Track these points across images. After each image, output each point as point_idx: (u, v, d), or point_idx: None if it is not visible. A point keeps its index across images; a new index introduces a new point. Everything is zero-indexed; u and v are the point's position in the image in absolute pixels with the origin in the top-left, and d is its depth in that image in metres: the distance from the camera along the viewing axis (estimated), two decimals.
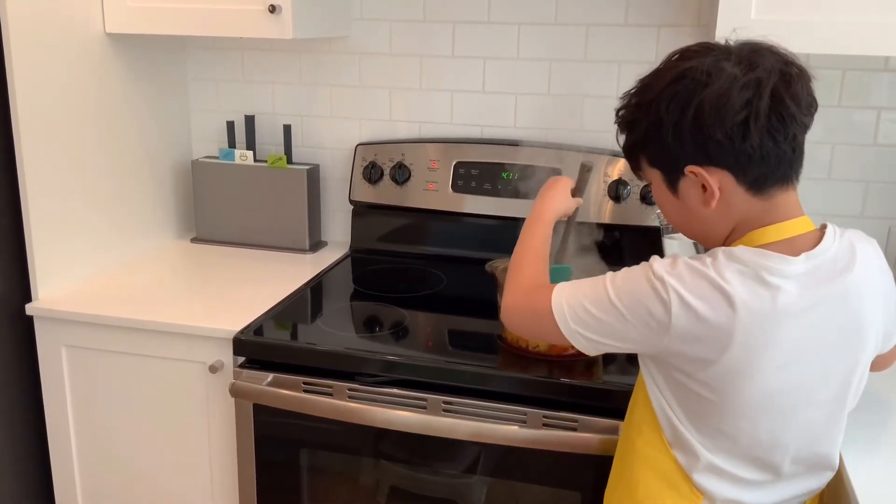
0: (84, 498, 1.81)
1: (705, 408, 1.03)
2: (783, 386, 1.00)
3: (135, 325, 1.64)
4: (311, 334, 1.67)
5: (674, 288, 0.98)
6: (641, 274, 1.02)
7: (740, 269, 0.97)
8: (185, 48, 2.16)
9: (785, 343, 0.97)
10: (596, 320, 1.05)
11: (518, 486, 1.50)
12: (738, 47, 1.01)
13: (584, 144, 1.94)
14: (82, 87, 1.79)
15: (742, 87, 0.95)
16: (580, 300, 1.06)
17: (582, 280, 1.09)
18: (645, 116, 1.02)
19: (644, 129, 1.03)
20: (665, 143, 1.00)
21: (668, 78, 1.00)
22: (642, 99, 1.03)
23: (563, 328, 1.07)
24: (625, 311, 1.02)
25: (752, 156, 0.97)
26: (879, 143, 1.82)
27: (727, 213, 1.02)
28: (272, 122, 2.15)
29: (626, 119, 1.07)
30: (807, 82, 1.00)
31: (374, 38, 2.04)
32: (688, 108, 0.97)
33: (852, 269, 1.00)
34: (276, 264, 2.01)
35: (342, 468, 1.60)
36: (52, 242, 1.74)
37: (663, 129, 1.00)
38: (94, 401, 1.74)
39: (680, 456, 1.07)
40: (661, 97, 1.00)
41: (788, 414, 1.02)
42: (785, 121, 0.97)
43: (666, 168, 1.04)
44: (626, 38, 1.89)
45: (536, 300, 1.12)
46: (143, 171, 2.03)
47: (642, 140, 1.05)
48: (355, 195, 2.06)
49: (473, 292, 1.85)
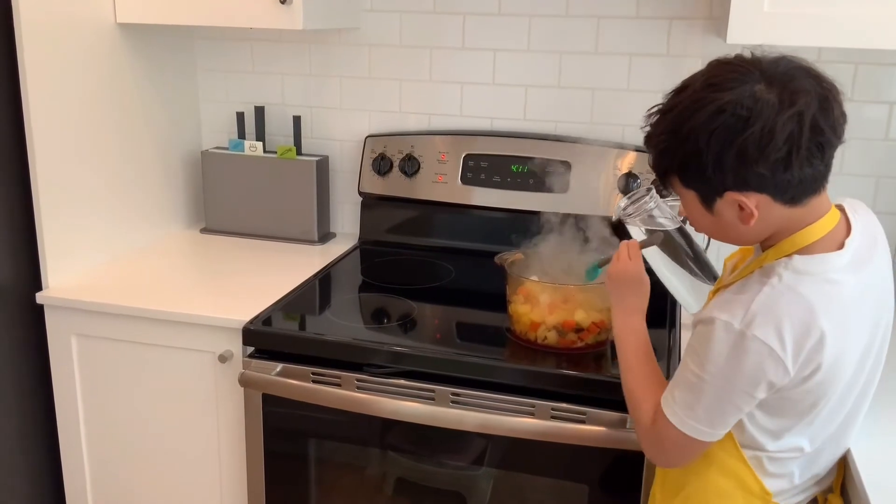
0: (93, 487, 1.82)
1: (795, 407, 1.05)
2: (856, 363, 1.05)
3: (144, 315, 1.65)
4: (319, 325, 1.67)
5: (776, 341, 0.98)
6: (732, 346, 1.00)
7: (811, 279, 1.01)
8: (195, 39, 2.16)
9: (856, 325, 1.03)
10: (724, 415, 1.05)
11: (525, 478, 1.50)
12: (771, 67, 1.00)
13: (594, 137, 1.93)
14: (93, 78, 1.79)
15: (784, 122, 0.95)
16: (700, 411, 1.05)
17: (677, 384, 1.08)
18: (681, 146, 1.01)
19: (680, 157, 1.02)
20: (703, 171, 1.00)
21: (707, 112, 0.98)
22: (677, 128, 1.01)
23: (707, 439, 1.07)
24: (747, 391, 1.02)
25: (791, 182, 0.99)
26: (891, 137, 1.81)
27: (765, 225, 1.04)
28: (282, 113, 2.15)
29: (658, 145, 1.05)
30: (840, 102, 1.01)
31: (384, 30, 2.04)
32: (730, 144, 0.97)
33: (877, 246, 1.09)
34: (285, 255, 2.01)
35: (350, 458, 1.61)
36: (63, 232, 1.74)
37: (702, 160, 0.99)
38: (104, 390, 1.74)
39: (750, 455, 1.10)
40: (700, 130, 0.98)
41: (854, 385, 1.07)
42: (823, 148, 0.99)
43: (702, 191, 1.04)
44: (637, 30, 1.88)
45: (664, 433, 1.10)
46: (153, 161, 2.03)
47: (678, 166, 1.04)
48: (364, 187, 2.06)
49: (482, 285, 1.85)
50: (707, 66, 1.04)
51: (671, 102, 1.03)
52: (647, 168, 1.84)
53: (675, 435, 1.08)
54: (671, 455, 1.13)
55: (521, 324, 1.50)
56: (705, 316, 1.04)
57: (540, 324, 1.47)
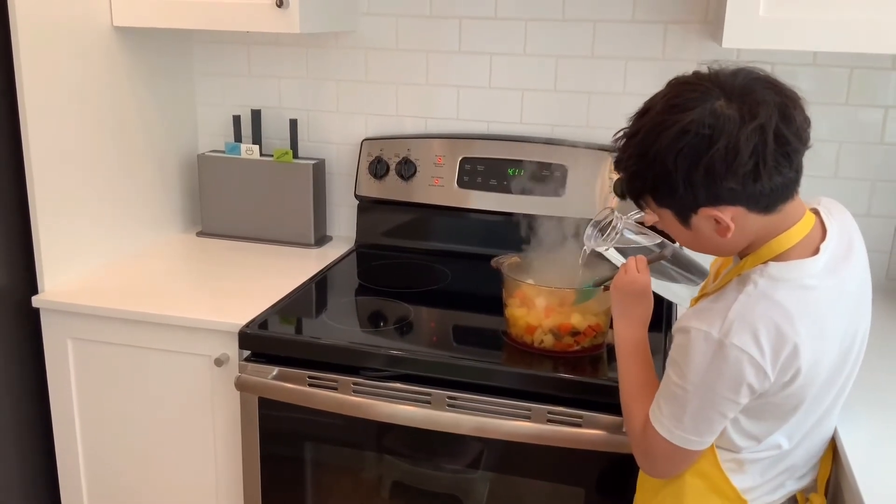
0: (89, 490, 1.82)
1: (778, 409, 1.06)
2: (836, 363, 1.07)
3: (140, 318, 1.64)
4: (316, 328, 1.67)
5: (754, 347, 0.99)
6: (712, 356, 1.01)
7: (786, 286, 1.02)
8: (191, 42, 2.16)
9: (833, 328, 1.05)
10: (710, 423, 1.07)
11: (521, 481, 1.50)
12: (728, 82, 1.00)
13: (590, 141, 1.93)
14: (89, 81, 1.79)
15: (748, 136, 0.96)
16: (686, 421, 1.07)
17: (663, 395, 1.10)
18: (650, 168, 1.02)
19: (651, 178, 1.03)
20: (675, 191, 1.01)
21: (671, 133, 0.99)
22: (644, 151, 1.02)
23: (696, 448, 1.09)
24: (730, 397, 1.03)
25: (762, 192, 1.00)
26: (886, 142, 1.81)
27: (742, 235, 1.05)
28: (278, 116, 2.15)
29: (628, 169, 1.06)
30: (802, 108, 1.02)
31: (380, 33, 2.04)
32: (697, 163, 0.98)
33: (853, 247, 1.10)
34: (281, 259, 2.01)
35: (346, 462, 1.61)
36: (59, 235, 1.74)
37: (672, 180, 1.00)
38: (100, 393, 1.74)
39: (729, 457, 1.11)
40: (666, 152, 0.99)
41: (833, 385, 1.09)
42: (790, 156, 1.00)
43: (677, 209, 1.05)
44: (633, 34, 1.88)
45: (653, 444, 1.12)
46: (149, 164, 2.03)
47: (650, 187, 1.05)
48: (361, 190, 2.06)
49: (479, 288, 1.86)
50: (667, 87, 1.05)
51: (635, 126, 1.05)
52: None
53: (664, 445, 1.09)
54: (662, 465, 1.14)
55: (518, 327, 1.50)
56: (683, 326, 1.06)
57: (536, 327, 1.47)
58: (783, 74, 1.84)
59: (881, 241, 1.85)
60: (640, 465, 1.19)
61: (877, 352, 1.41)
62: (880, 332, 1.56)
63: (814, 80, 1.80)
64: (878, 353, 1.45)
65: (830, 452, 1.19)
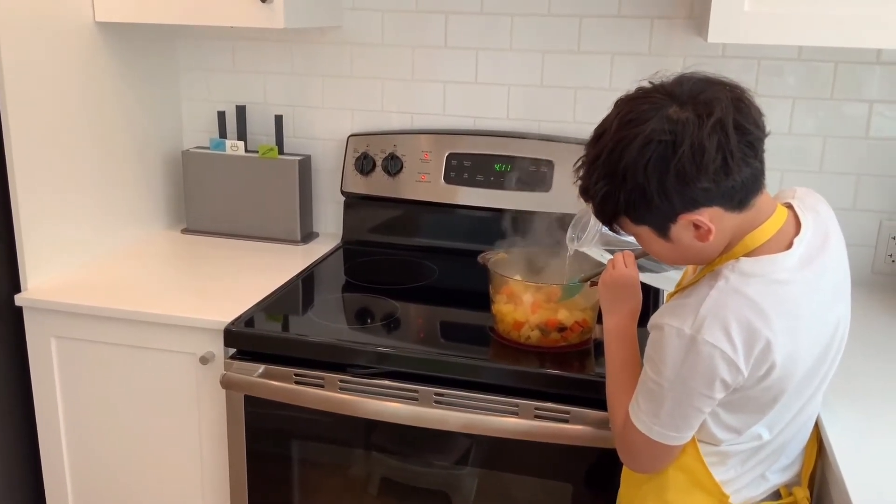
0: (74, 490, 1.80)
1: (756, 402, 1.07)
2: (815, 354, 1.07)
3: (125, 316, 1.63)
4: (302, 326, 1.66)
5: (725, 343, 1.00)
6: (685, 352, 1.02)
7: (757, 281, 1.02)
8: (175, 37, 2.15)
9: (809, 320, 1.05)
10: (687, 418, 1.07)
11: (509, 477, 1.50)
12: (675, 90, 1.01)
13: (576, 136, 1.93)
14: (72, 76, 1.77)
15: (709, 132, 0.97)
16: (664, 416, 1.07)
17: (640, 391, 1.10)
18: (621, 186, 1.01)
19: (624, 197, 1.02)
20: (650, 203, 1.01)
21: (636, 147, 0.99)
22: (611, 171, 1.02)
23: (675, 443, 1.09)
24: (705, 393, 1.03)
25: (735, 187, 1.01)
26: (871, 136, 1.82)
27: (721, 237, 1.05)
28: (263, 112, 2.14)
29: (598, 193, 1.05)
30: (751, 98, 1.03)
31: (366, 29, 2.03)
32: (667, 169, 0.98)
33: (829, 238, 1.10)
34: (267, 255, 2.00)
35: (333, 460, 1.60)
36: (42, 233, 1.72)
37: (646, 193, 1.00)
38: (84, 392, 1.73)
39: (711, 450, 1.12)
40: (635, 165, 0.99)
41: (814, 377, 1.09)
42: (753, 145, 1.01)
43: (655, 223, 1.05)
44: (619, 29, 1.88)
45: (634, 440, 1.12)
46: (134, 161, 2.02)
47: (624, 206, 1.04)
48: (347, 186, 2.05)
49: (466, 284, 1.85)
50: (615, 108, 1.05)
51: (596, 151, 1.04)
52: None
53: (643, 441, 1.10)
54: (643, 460, 1.15)
55: (505, 323, 1.50)
56: (656, 322, 1.06)
57: (523, 323, 1.47)
58: (768, 69, 1.86)
59: (866, 236, 1.85)
60: (623, 461, 1.19)
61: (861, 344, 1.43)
62: (865, 326, 1.57)
63: (799, 75, 1.81)
64: (863, 345, 1.46)
65: (815, 445, 1.19)
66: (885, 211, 1.84)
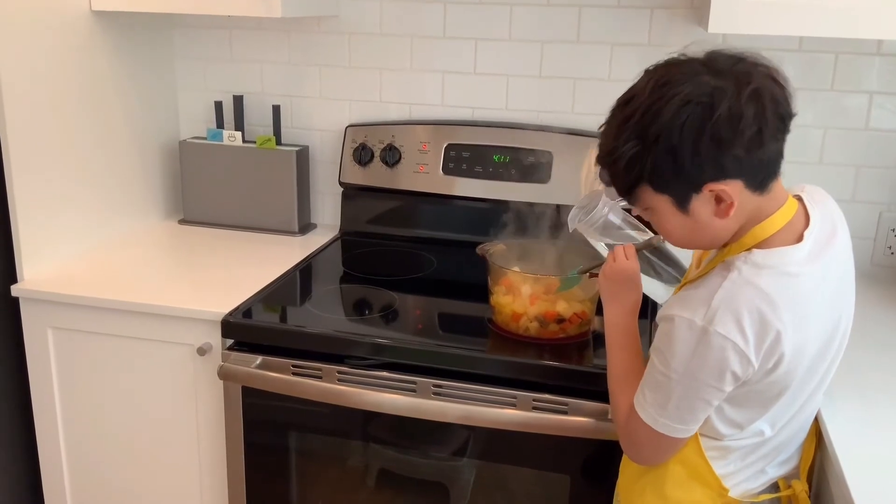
0: (71, 481, 1.80)
1: (761, 397, 1.06)
2: (819, 349, 1.07)
3: (122, 307, 1.62)
4: (300, 317, 1.66)
5: (737, 335, 0.99)
6: (696, 343, 1.01)
7: (769, 273, 1.01)
8: (172, 26, 2.13)
9: (816, 314, 1.05)
10: (694, 411, 1.06)
11: (507, 469, 1.50)
12: (710, 60, 1.01)
13: (575, 127, 1.93)
14: (68, 66, 1.76)
15: (747, 100, 0.96)
16: (671, 409, 1.06)
17: (647, 383, 1.09)
18: (652, 148, 0.99)
19: (652, 161, 1.00)
20: (681, 168, 0.99)
21: (672, 107, 0.97)
22: (643, 132, 0.99)
23: (681, 435, 1.09)
24: (714, 385, 1.03)
25: (762, 161, 1.00)
26: (871, 127, 1.82)
27: (737, 217, 1.04)
28: (261, 102, 2.13)
29: (624, 156, 1.02)
30: (784, 75, 1.03)
31: (364, 18, 2.02)
32: (702, 132, 0.97)
33: (836, 233, 1.09)
34: (264, 246, 1.99)
35: (331, 451, 1.60)
36: (38, 223, 1.72)
37: (678, 157, 0.98)
38: (81, 383, 1.72)
39: (713, 445, 1.12)
40: (670, 127, 0.97)
41: (816, 371, 1.09)
42: (785, 120, 1.00)
43: (678, 191, 1.03)
44: (618, 19, 1.87)
45: (638, 431, 1.11)
46: (130, 151, 2.01)
47: (650, 171, 1.01)
48: (345, 177, 2.04)
49: (464, 275, 1.85)
50: (646, 74, 1.03)
51: (626, 112, 1.02)
52: None
53: (648, 433, 1.09)
54: (646, 452, 1.14)
55: (503, 314, 1.50)
56: (667, 314, 1.05)
57: (522, 314, 1.47)
58: None
59: (866, 228, 1.85)
60: (626, 452, 1.19)
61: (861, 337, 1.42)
62: (865, 318, 1.56)
63: (799, 66, 1.80)
64: (863, 338, 1.46)
65: (814, 438, 1.19)
66: (885, 203, 1.84)
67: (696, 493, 1.13)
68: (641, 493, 1.18)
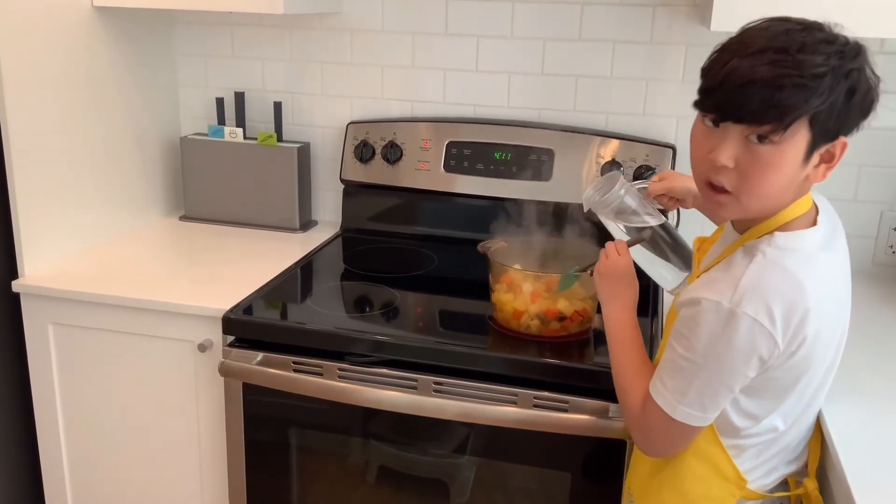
0: (72, 478, 1.80)
1: (777, 385, 1.06)
2: (829, 339, 1.07)
3: (123, 303, 1.62)
4: (301, 314, 1.66)
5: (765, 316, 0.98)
6: (723, 326, 1.00)
7: (793, 254, 1.02)
8: (173, 23, 2.13)
9: (832, 302, 1.06)
10: (716, 397, 1.05)
11: (508, 466, 1.50)
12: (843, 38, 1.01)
13: (576, 124, 1.92)
14: (69, 62, 1.76)
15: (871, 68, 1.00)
16: (692, 394, 1.05)
17: (666, 370, 1.08)
18: (837, 85, 0.96)
19: (832, 97, 0.96)
20: (848, 110, 0.98)
21: (864, 53, 1.00)
22: (839, 66, 0.96)
23: (699, 424, 1.07)
24: (740, 369, 1.01)
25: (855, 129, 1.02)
26: (873, 126, 1.78)
27: (803, 187, 1.05)
28: (262, 99, 2.13)
29: (815, 78, 0.95)
30: None
31: (366, 15, 2.02)
32: (869, 88, 0.99)
33: (836, 233, 1.11)
34: (265, 243, 1.99)
35: (332, 448, 1.60)
36: (39, 219, 1.72)
37: (854, 98, 0.98)
38: (82, 379, 1.72)
39: (727, 440, 1.11)
40: (860, 70, 0.98)
41: (825, 361, 1.09)
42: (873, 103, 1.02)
43: (822, 134, 0.99)
44: (620, 17, 1.87)
45: (653, 422, 1.10)
46: (131, 147, 2.01)
47: (826, 100, 0.96)
48: (346, 174, 2.04)
49: (465, 273, 1.85)
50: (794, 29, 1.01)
51: (827, 35, 0.99)
52: (630, 156, 1.84)
53: (664, 422, 1.08)
54: (661, 443, 1.12)
55: (504, 312, 1.50)
56: (691, 297, 1.03)
57: (523, 312, 1.47)
58: None
59: (867, 227, 1.85)
60: (638, 444, 1.17)
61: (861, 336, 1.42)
62: (865, 317, 1.57)
63: None
64: (863, 337, 1.46)
65: (819, 437, 1.19)
66: (887, 202, 1.84)
67: (714, 488, 1.12)
68: (658, 490, 1.17)
